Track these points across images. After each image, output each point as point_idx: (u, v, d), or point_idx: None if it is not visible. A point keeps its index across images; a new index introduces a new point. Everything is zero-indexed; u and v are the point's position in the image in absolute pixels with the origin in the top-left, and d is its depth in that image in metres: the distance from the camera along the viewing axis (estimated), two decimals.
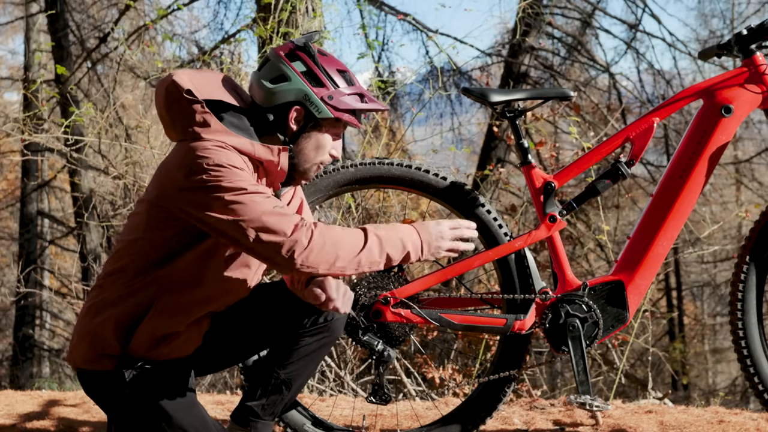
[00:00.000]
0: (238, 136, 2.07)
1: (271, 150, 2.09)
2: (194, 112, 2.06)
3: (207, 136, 2.04)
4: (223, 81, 2.20)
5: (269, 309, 2.27)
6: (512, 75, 9.76)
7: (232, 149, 2.04)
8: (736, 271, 2.62)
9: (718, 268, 13.27)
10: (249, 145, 2.07)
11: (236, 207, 1.97)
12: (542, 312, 2.57)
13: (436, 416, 3.03)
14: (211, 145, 2.02)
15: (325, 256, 1.99)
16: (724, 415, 3.12)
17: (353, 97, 2.15)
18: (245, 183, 1.99)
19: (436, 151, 5.62)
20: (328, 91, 2.13)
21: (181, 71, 2.15)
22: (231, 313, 2.26)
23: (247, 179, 2.01)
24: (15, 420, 3.34)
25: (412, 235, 2.13)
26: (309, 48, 2.16)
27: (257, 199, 1.98)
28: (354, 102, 2.15)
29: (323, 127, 2.16)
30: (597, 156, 2.63)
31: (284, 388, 2.24)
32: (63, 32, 10.35)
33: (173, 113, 2.10)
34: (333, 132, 2.18)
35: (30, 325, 11.84)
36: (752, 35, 2.56)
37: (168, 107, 2.11)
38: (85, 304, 2.19)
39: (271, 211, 1.98)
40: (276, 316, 2.25)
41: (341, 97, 2.13)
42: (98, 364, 2.13)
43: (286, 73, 2.14)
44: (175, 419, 2.13)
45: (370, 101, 2.18)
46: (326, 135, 2.17)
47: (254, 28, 5.09)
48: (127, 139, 5.41)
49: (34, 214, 12.51)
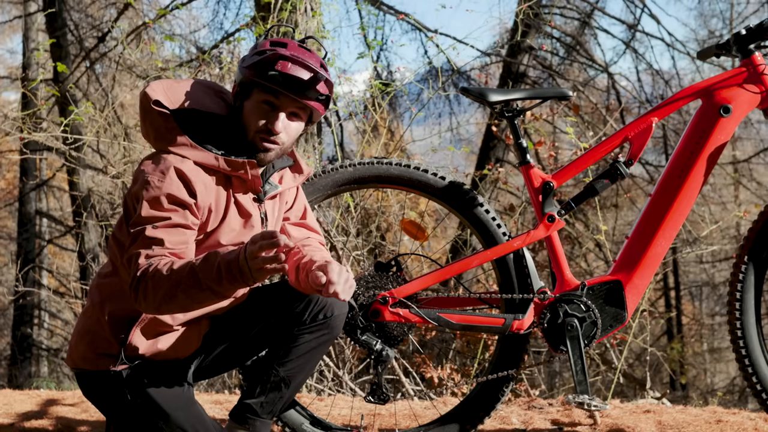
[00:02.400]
0: (203, 150, 2.07)
1: (235, 164, 2.09)
2: (161, 124, 2.09)
3: (172, 149, 2.06)
4: (205, 88, 2.21)
5: (268, 308, 2.26)
6: (511, 75, 9.76)
7: (191, 164, 2.04)
8: (735, 270, 2.63)
9: (716, 268, 13.28)
10: (213, 159, 2.07)
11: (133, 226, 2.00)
12: (540, 312, 2.58)
13: (434, 416, 3.04)
14: (157, 162, 2.04)
15: (153, 299, 1.93)
16: (722, 414, 3.12)
17: (274, 59, 2.07)
18: (155, 210, 1.99)
19: (434, 151, 5.63)
20: (248, 60, 2.12)
21: (159, 82, 2.17)
22: (230, 314, 2.26)
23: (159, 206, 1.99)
24: (13, 419, 3.33)
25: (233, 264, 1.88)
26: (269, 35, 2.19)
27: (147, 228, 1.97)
28: (264, 60, 2.07)
29: (252, 96, 2.11)
30: (595, 156, 2.64)
31: (283, 385, 2.24)
32: (61, 31, 10.35)
33: (147, 124, 2.13)
34: (261, 99, 2.10)
35: (28, 325, 11.83)
36: (751, 35, 2.57)
37: (143, 118, 2.14)
38: (85, 305, 2.20)
39: (146, 243, 1.96)
40: (275, 314, 2.25)
41: (256, 59, 2.09)
42: (97, 364, 2.14)
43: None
44: (173, 418, 2.13)
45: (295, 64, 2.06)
46: (255, 102, 2.11)
47: (254, 28, 5.09)
48: (126, 139, 5.41)
49: (33, 214, 12.50)
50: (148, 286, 1.91)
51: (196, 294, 1.89)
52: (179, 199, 2.01)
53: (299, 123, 2.15)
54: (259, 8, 5.00)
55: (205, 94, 2.19)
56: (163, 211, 1.99)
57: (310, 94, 2.10)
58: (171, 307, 1.93)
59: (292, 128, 2.14)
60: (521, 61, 9.84)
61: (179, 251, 1.99)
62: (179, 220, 2.01)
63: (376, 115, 4.86)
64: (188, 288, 1.88)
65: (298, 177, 2.33)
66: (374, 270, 2.61)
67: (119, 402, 2.15)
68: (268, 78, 2.07)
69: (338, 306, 2.26)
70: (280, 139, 2.12)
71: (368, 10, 8.43)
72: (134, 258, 1.96)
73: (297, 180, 2.33)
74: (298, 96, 2.08)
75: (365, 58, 5.41)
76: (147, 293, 1.92)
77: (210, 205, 2.08)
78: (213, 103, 2.18)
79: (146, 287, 1.91)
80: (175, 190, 2.01)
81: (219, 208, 2.10)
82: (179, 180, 2.02)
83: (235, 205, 2.13)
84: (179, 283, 1.89)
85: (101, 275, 2.19)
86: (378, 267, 2.61)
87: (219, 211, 2.10)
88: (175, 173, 2.02)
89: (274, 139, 2.11)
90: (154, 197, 1.99)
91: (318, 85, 2.09)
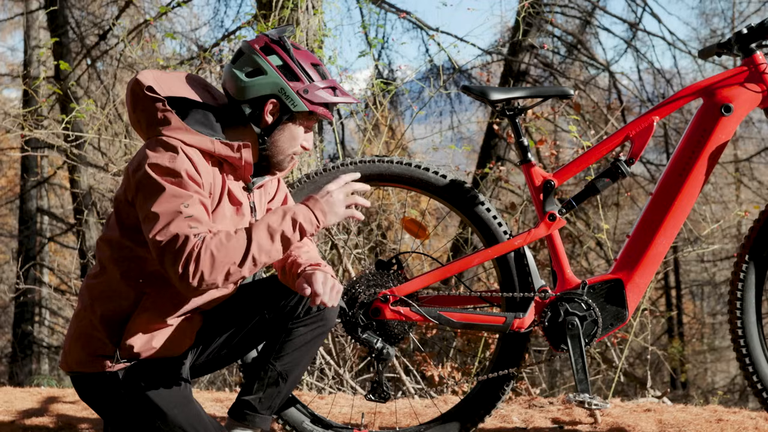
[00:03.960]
0: (198, 134, 2.07)
1: (232, 147, 2.10)
2: (156, 109, 2.08)
3: (167, 133, 2.05)
4: (193, 80, 2.24)
5: (261, 303, 2.27)
6: (512, 73, 9.75)
7: (189, 147, 2.05)
8: (736, 270, 2.62)
9: (717, 267, 13.26)
10: (209, 142, 2.08)
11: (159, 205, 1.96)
12: (541, 310, 2.58)
13: (434, 414, 3.04)
14: (162, 144, 2.03)
15: (217, 271, 1.94)
16: (723, 413, 3.12)
17: (327, 90, 2.18)
18: (177, 187, 1.98)
19: (436, 149, 5.62)
20: (303, 85, 2.15)
21: (148, 71, 2.17)
22: (223, 309, 2.27)
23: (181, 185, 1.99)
24: (14, 417, 3.34)
25: (301, 209, 2.07)
26: (284, 42, 2.19)
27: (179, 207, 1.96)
28: (327, 96, 2.18)
29: (297, 120, 2.18)
30: (597, 154, 2.64)
31: (280, 380, 2.24)
32: (63, 29, 10.34)
33: (138, 112, 2.13)
34: (306, 125, 2.21)
35: (29, 322, 11.83)
36: (752, 34, 2.57)
37: (134, 106, 2.13)
38: (76, 308, 2.19)
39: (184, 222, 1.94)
40: (268, 308, 2.26)
41: (316, 90, 2.16)
42: (92, 366, 2.13)
43: (262, 67, 2.15)
44: (170, 416, 2.13)
45: (343, 94, 2.22)
46: (300, 127, 2.20)
47: (255, 26, 5.08)
48: (127, 136, 5.40)
49: (34, 211, 12.50)
50: (214, 256, 1.92)
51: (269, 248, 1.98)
52: (194, 178, 2.01)
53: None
54: (261, 6, 4.99)
55: (194, 86, 2.22)
56: (185, 188, 1.99)
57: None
58: (238, 271, 1.96)
59: None
60: (522, 59, 9.83)
61: (212, 228, 1.99)
62: (201, 199, 2.01)
63: (378, 114, 4.86)
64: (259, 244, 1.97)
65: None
66: (375, 268, 2.61)
67: (116, 403, 2.15)
68: (329, 108, 2.20)
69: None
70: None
71: (370, 8, 8.41)
72: (177, 239, 1.92)
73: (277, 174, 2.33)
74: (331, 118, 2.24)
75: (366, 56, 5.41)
76: (214, 264, 1.92)
77: (210, 188, 2.09)
78: (202, 95, 2.20)
79: (210, 259, 1.92)
80: (188, 167, 2.01)
81: (215, 193, 2.11)
82: (188, 160, 2.02)
83: (227, 193, 2.14)
84: (249, 241, 1.96)
85: (90, 276, 2.19)
86: (379, 265, 2.61)
87: (215, 197, 2.11)
88: (183, 153, 2.02)
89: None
90: (172, 176, 1.98)
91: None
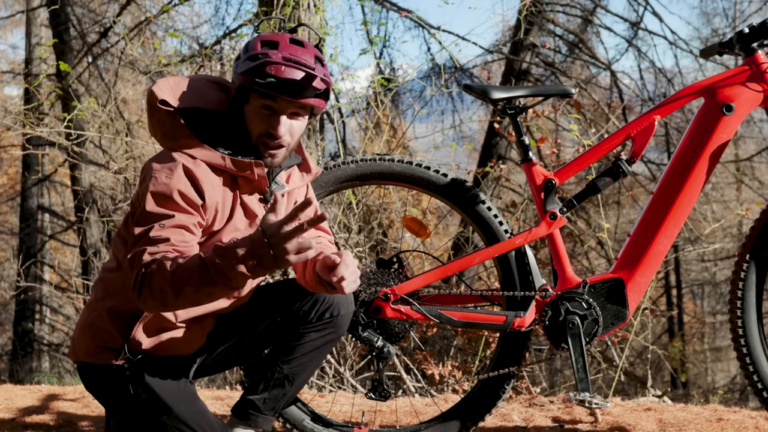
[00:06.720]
0: (210, 149, 2.05)
1: (242, 164, 2.06)
2: (169, 123, 2.07)
3: (179, 147, 2.05)
4: (211, 84, 2.19)
5: (274, 306, 2.26)
6: (513, 72, 9.75)
7: (199, 163, 2.02)
8: (736, 269, 2.62)
9: (718, 267, 13.27)
10: (220, 159, 2.05)
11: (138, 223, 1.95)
12: (542, 309, 2.57)
13: (435, 413, 3.04)
14: (167, 159, 2.01)
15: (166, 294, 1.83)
16: (723, 413, 3.12)
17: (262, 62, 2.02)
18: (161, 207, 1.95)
19: (437, 148, 5.63)
20: (240, 60, 2.08)
21: (165, 80, 2.14)
22: (236, 313, 2.26)
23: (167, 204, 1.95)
24: (14, 414, 3.34)
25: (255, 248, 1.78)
26: (257, 29, 2.16)
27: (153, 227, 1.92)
28: (249, 64, 2.03)
29: (250, 101, 2.08)
30: (598, 154, 2.63)
31: (287, 383, 2.24)
32: (64, 27, 10.35)
33: (153, 122, 2.13)
34: (260, 104, 2.07)
35: (30, 320, 11.85)
36: (754, 33, 2.56)
37: (150, 116, 2.13)
38: (89, 298, 2.20)
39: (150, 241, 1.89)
40: (281, 311, 2.25)
41: (243, 62, 2.06)
42: (100, 357, 2.13)
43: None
44: (175, 412, 2.13)
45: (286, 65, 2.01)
46: (252, 106, 2.08)
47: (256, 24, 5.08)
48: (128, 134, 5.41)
49: (35, 209, 12.52)
50: (153, 281, 1.82)
51: (206, 286, 1.78)
52: (187, 198, 1.97)
53: (302, 120, 2.11)
54: (262, 4, 4.99)
55: (212, 91, 2.17)
56: (169, 209, 1.95)
57: (307, 93, 2.05)
58: (178, 303, 1.82)
59: (295, 127, 2.10)
60: (524, 58, 9.83)
61: (183, 249, 1.92)
62: (185, 220, 1.96)
63: (379, 112, 4.86)
64: (198, 280, 1.77)
65: (305, 176, 2.30)
66: (376, 267, 2.61)
67: (121, 396, 2.15)
68: (264, 84, 2.02)
69: (344, 305, 2.26)
70: (285, 141, 2.09)
71: (371, 6, 8.42)
72: (137, 256, 1.89)
73: (305, 179, 2.30)
74: (296, 98, 2.04)
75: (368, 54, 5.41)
76: (152, 289, 1.82)
77: (217, 205, 2.05)
78: (221, 100, 2.16)
79: (151, 283, 1.82)
80: (183, 187, 1.97)
81: (225, 208, 2.08)
82: (187, 178, 1.99)
83: (241, 206, 2.11)
84: (188, 276, 1.78)
85: (106, 269, 2.18)
86: (380, 264, 2.61)
87: (225, 212, 2.08)
88: (184, 171, 1.99)
89: (278, 143, 2.08)
90: (161, 194, 1.96)
91: (314, 82, 2.04)
